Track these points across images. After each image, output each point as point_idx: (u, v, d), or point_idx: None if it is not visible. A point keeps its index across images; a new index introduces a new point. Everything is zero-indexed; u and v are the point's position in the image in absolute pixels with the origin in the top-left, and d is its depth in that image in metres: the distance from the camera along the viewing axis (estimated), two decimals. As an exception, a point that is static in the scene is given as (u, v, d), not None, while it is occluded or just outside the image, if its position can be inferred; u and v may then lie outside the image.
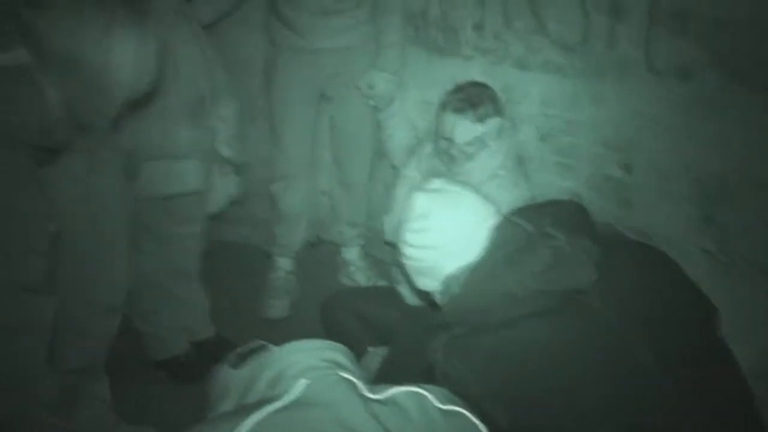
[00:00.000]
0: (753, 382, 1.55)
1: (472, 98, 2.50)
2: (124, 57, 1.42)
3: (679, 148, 2.32)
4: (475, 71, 2.90)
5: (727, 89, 2.14)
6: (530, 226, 1.53)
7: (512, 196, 2.46)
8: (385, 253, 3.45)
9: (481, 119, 2.47)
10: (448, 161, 2.59)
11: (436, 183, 1.73)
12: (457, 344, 1.50)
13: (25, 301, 1.43)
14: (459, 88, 2.57)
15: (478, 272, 1.53)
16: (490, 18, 2.79)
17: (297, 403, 1.30)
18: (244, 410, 1.30)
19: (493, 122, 2.50)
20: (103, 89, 1.44)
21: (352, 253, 3.62)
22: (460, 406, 1.36)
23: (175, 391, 2.94)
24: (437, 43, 3.03)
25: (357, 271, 3.59)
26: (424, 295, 1.77)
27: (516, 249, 1.50)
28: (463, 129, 2.49)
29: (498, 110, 2.52)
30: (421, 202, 1.68)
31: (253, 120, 3.42)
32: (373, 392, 1.35)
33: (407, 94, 3.14)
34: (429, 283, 1.72)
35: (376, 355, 2.64)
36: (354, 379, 1.37)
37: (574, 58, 2.54)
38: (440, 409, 1.34)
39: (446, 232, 1.63)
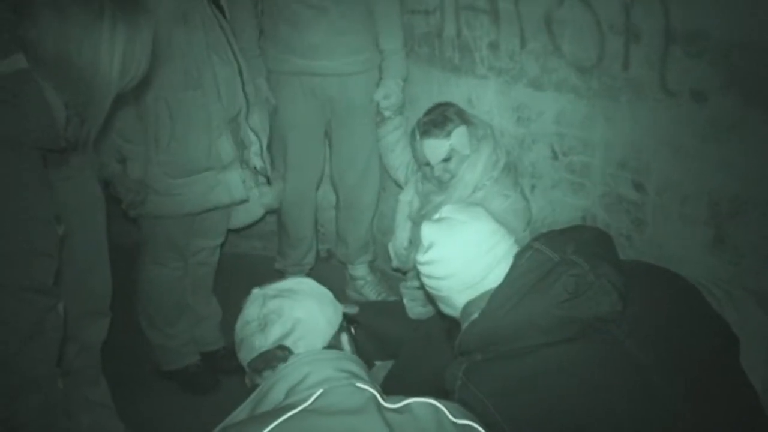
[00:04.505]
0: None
1: (435, 119, 2.59)
2: (110, 53, 1.43)
3: (693, 169, 2.33)
4: (489, 90, 2.93)
5: (742, 111, 2.14)
6: (553, 254, 1.53)
7: (500, 208, 2.48)
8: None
9: (447, 134, 2.54)
10: (437, 183, 2.63)
11: (445, 211, 1.72)
12: (476, 370, 1.50)
13: (38, 303, 1.44)
14: (424, 114, 2.66)
15: (500, 299, 1.52)
16: (505, 38, 2.81)
17: (314, 412, 1.31)
18: (261, 418, 1.31)
19: (460, 131, 2.56)
20: (92, 86, 1.45)
21: (360, 269, 3.62)
22: (474, 422, 1.37)
23: (185, 402, 2.94)
24: (452, 63, 3.06)
25: (366, 286, 3.60)
26: (450, 320, 1.77)
27: (538, 277, 1.50)
28: (434, 149, 2.56)
29: (464, 120, 2.59)
30: (427, 233, 1.68)
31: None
32: (389, 402, 1.36)
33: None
34: (448, 310, 1.73)
35: (384, 368, 2.65)
36: (370, 389, 1.38)
37: (588, 78, 2.55)
38: (454, 423, 1.34)
39: (453, 263, 1.63)
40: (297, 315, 1.53)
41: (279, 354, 1.49)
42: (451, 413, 1.36)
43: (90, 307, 2.42)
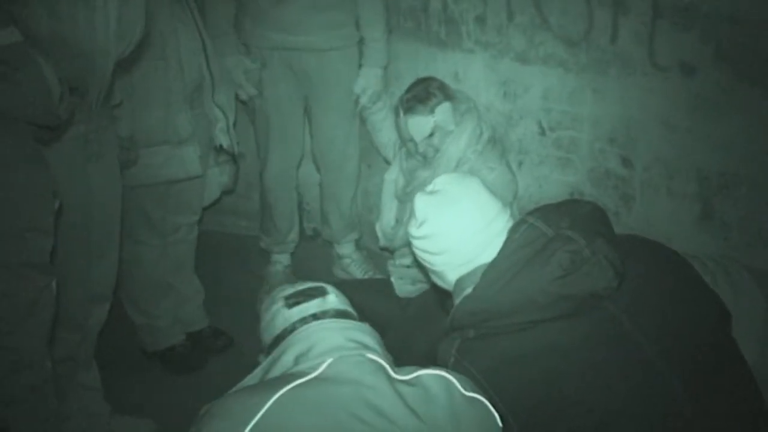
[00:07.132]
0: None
1: (418, 95, 2.56)
2: (105, 22, 1.41)
3: (681, 143, 2.32)
4: (476, 65, 2.90)
5: (731, 85, 2.14)
6: (548, 228, 1.50)
7: (486, 180, 2.45)
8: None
9: (431, 110, 2.53)
10: (422, 159, 2.62)
11: (439, 182, 1.69)
12: (470, 347, 1.48)
13: (35, 280, 1.42)
14: (406, 90, 2.63)
15: (493, 275, 1.49)
16: (492, 11, 2.78)
17: (323, 380, 1.32)
18: (271, 384, 1.31)
19: (444, 107, 2.54)
20: (91, 58, 1.43)
21: (346, 248, 3.60)
22: (481, 395, 1.36)
23: (170, 382, 2.92)
24: (438, 37, 3.02)
25: (352, 264, 3.58)
26: (442, 292, 1.75)
27: (533, 252, 1.47)
28: (419, 125, 2.54)
29: (447, 95, 2.57)
30: (420, 206, 1.64)
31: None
32: (400, 373, 1.36)
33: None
34: (441, 283, 1.70)
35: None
36: (380, 360, 1.38)
37: (576, 52, 2.53)
38: (464, 395, 1.34)
39: (448, 239, 1.60)
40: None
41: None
42: (461, 385, 1.36)
43: (96, 292, 2.40)
